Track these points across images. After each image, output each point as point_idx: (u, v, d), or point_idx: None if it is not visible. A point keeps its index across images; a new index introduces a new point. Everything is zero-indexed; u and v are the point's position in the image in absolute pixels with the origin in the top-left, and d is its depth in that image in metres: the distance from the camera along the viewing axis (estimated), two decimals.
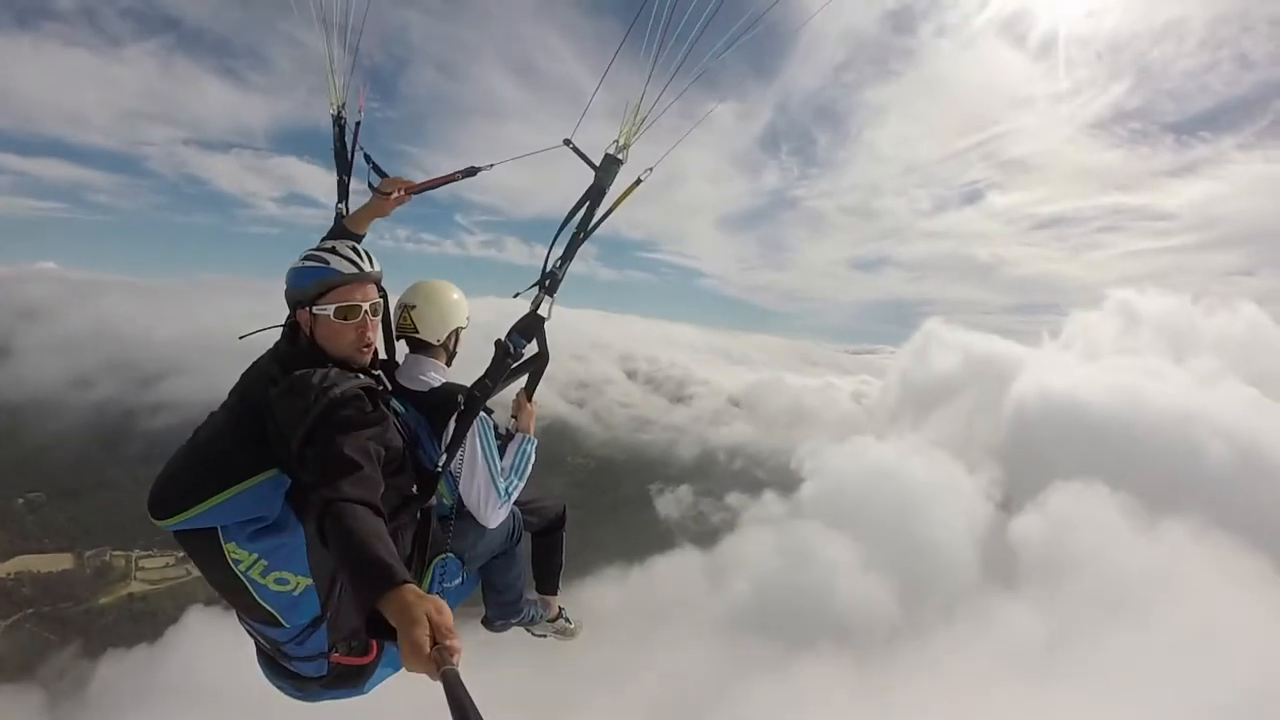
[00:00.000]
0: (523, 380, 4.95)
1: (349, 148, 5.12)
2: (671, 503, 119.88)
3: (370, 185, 4.85)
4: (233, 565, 3.41)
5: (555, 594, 6.17)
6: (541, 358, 4.78)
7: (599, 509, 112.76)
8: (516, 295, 4.66)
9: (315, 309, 3.70)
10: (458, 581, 4.54)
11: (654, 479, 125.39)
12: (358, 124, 5.18)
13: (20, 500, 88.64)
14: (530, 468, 4.86)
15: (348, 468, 2.94)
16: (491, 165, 4.89)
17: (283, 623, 3.60)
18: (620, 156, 4.57)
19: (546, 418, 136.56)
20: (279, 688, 4.06)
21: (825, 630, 66.64)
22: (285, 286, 3.82)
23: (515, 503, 4.78)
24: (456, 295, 4.98)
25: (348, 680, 3.91)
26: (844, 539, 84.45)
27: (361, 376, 3.56)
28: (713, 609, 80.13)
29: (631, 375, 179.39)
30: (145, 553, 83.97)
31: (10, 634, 73.54)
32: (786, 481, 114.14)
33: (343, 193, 5.05)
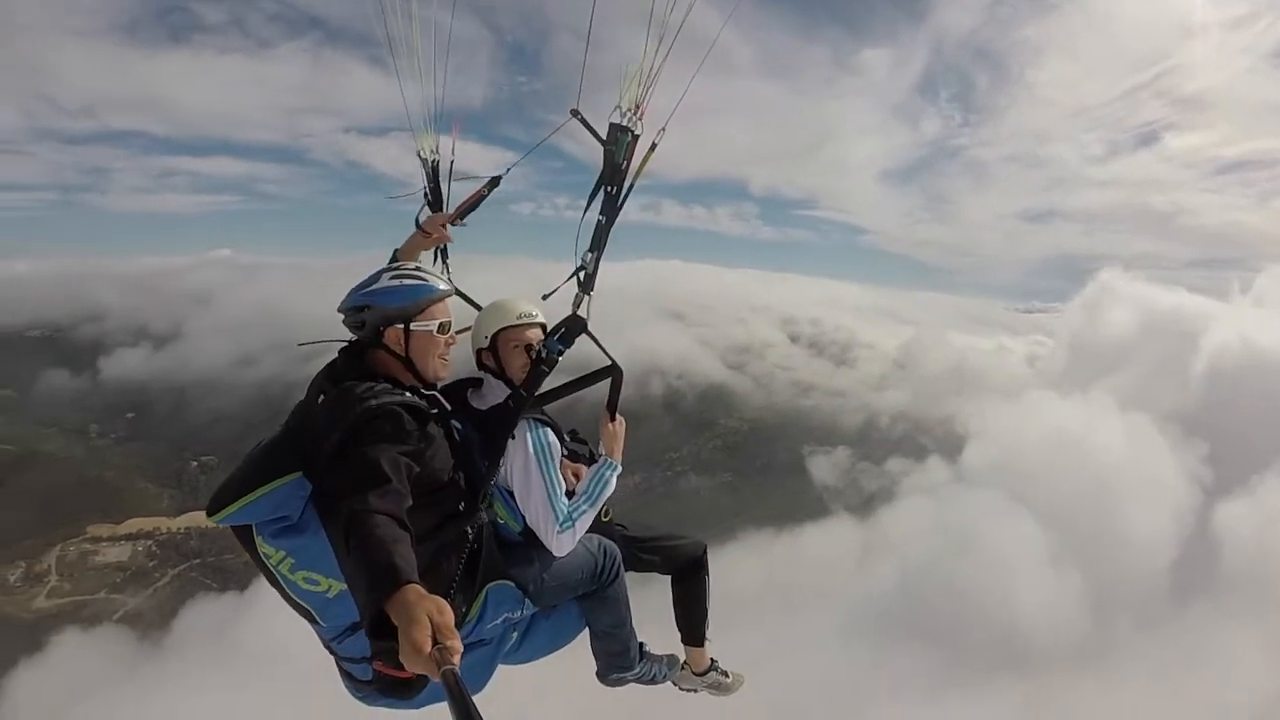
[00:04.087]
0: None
1: (442, 188, 4.89)
2: (827, 467, 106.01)
3: (416, 222, 4.56)
4: (265, 560, 3.35)
5: (701, 645, 5.10)
6: (612, 368, 4.29)
7: (749, 473, 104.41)
8: (546, 297, 4.28)
9: (415, 325, 3.59)
10: (520, 613, 4.00)
11: (809, 443, 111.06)
12: (451, 163, 4.81)
13: (194, 463, 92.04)
14: (606, 496, 4.17)
15: (376, 480, 2.81)
16: (509, 170, 4.57)
17: (319, 620, 3.48)
18: (628, 124, 4.00)
19: (702, 383, 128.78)
20: (345, 685, 3.76)
21: (991, 640, 51.26)
22: (372, 304, 3.57)
23: (630, 537, 4.62)
24: (493, 305, 4.34)
25: (396, 691, 3.21)
26: (1017, 515, 67.38)
27: (408, 395, 3.38)
28: (860, 597, 66.35)
29: (794, 339, 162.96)
30: None
31: (178, 580, 76.08)
32: (952, 447, 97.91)
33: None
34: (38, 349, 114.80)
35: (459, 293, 4.51)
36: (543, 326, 4.22)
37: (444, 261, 4.73)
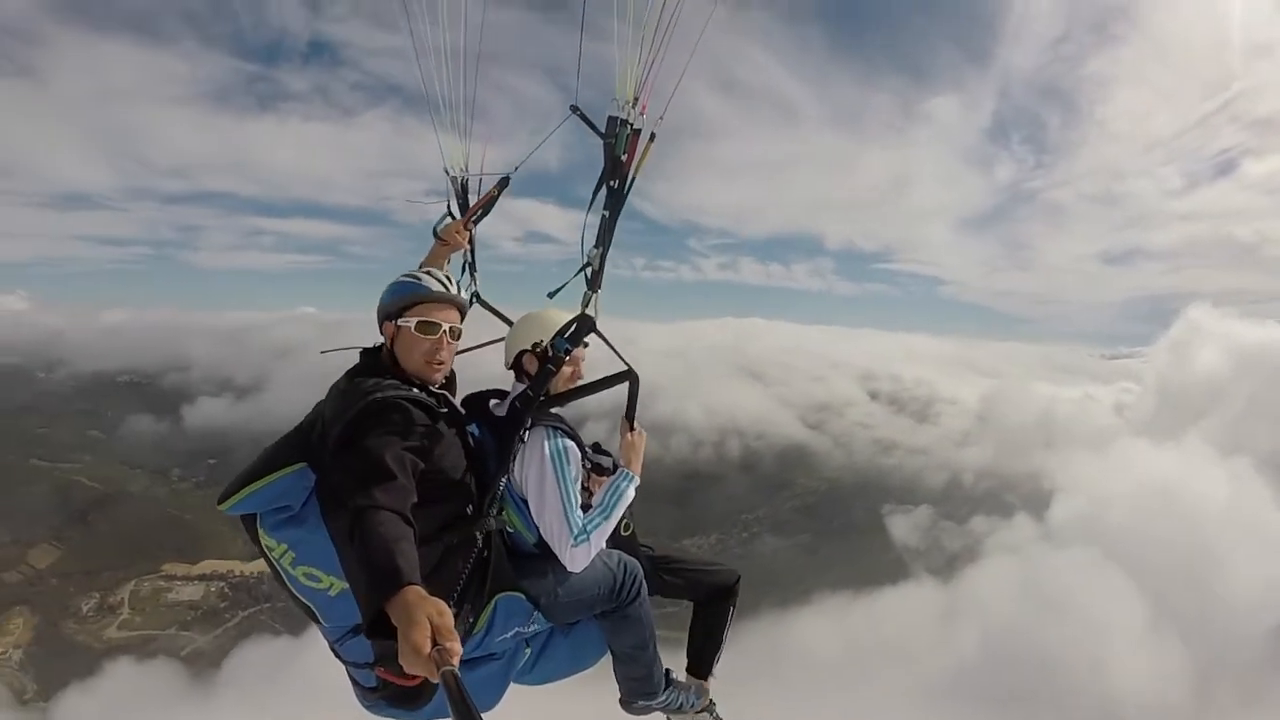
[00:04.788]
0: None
1: (467, 204, 4.90)
2: (907, 527, 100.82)
3: (435, 233, 4.60)
4: (267, 552, 3.38)
5: (704, 679, 4.86)
6: (627, 374, 4.11)
7: (827, 534, 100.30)
8: (552, 295, 4.28)
9: (400, 321, 3.57)
10: (530, 627, 3.86)
11: (889, 502, 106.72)
12: (480, 178, 4.88)
13: None
14: (623, 509, 3.96)
15: (381, 475, 2.81)
16: (516, 169, 4.63)
17: (322, 620, 3.44)
18: (627, 116, 4.02)
19: (781, 443, 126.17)
20: (355, 695, 3.71)
21: (1083, 712, 46.87)
22: (379, 303, 3.66)
23: (656, 558, 4.46)
24: (531, 316, 4.20)
25: (401, 701, 3.41)
26: (1110, 575, 62.47)
27: (416, 390, 3.35)
28: (942, 663, 61.79)
29: (874, 395, 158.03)
30: None
31: (246, 622, 76.40)
32: (1039, 504, 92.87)
33: (470, 242, 4.78)
34: (127, 394, 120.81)
35: (484, 304, 4.65)
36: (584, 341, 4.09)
37: (472, 274, 4.80)
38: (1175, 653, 52.43)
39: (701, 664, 4.81)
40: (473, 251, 4.80)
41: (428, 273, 3.66)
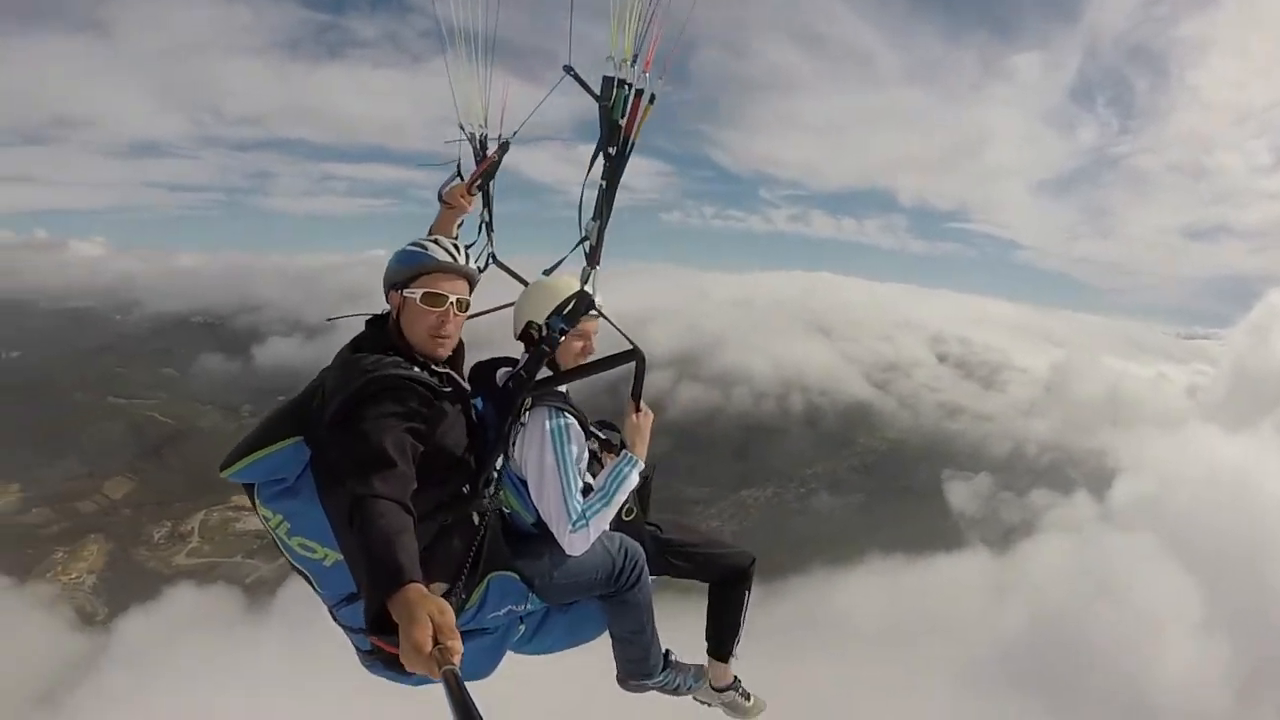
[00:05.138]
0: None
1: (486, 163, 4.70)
2: (966, 495, 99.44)
3: (440, 196, 4.55)
4: (264, 521, 3.40)
5: (726, 661, 4.79)
6: (633, 353, 3.88)
7: (884, 495, 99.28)
8: (548, 273, 4.07)
9: (406, 292, 3.49)
10: (525, 606, 3.85)
11: (950, 468, 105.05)
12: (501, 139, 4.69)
13: None
14: (624, 494, 3.85)
15: (380, 462, 2.77)
16: (515, 134, 4.55)
17: (317, 587, 3.46)
18: (624, 76, 3.68)
19: (844, 400, 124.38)
20: (357, 654, 3.71)
21: (1119, 701, 46.45)
22: (385, 272, 3.59)
23: (664, 540, 4.37)
24: (535, 287, 4.05)
25: (394, 665, 2.99)
26: (1166, 564, 61.34)
27: (416, 369, 3.29)
28: (986, 637, 61.78)
29: (943, 358, 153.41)
30: None
31: None
32: (1101, 482, 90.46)
33: (487, 201, 4.74)
34: (200, 334, 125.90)
35: (502, 266, 4.52)
36: (600, 317, 4.01)
37: (489, 235, 4.66)
38: (1224, 654, 51.52)
39: (721, 647, 4.78)
40: (490, 211, 4.71)
41: (435, 241, 3.60)
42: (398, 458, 2.80)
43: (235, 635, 60.39)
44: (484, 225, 4.67)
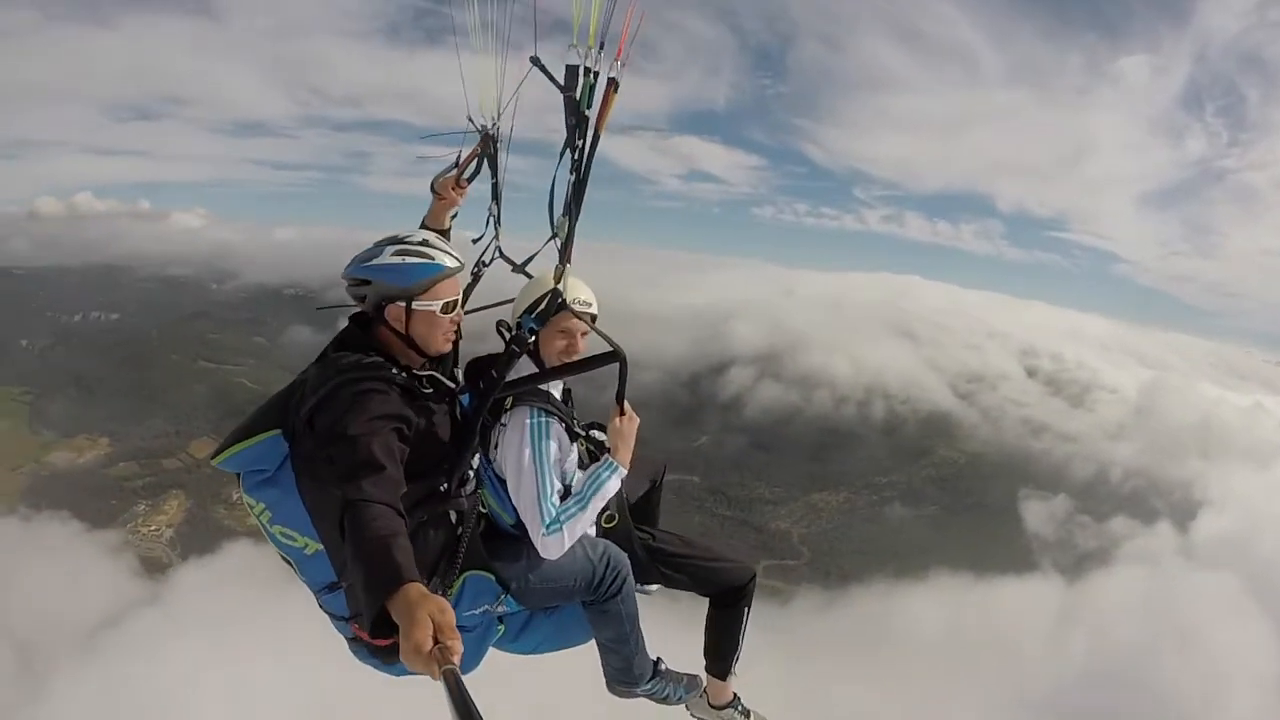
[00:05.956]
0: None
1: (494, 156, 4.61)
2: (1043, 516, 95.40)
3: (432, 187, 4.41)
4: (249, 509, 3.46)
5: (725, 679, 4.65)
6: (614, 354, 3.78)
7: (958, 510, 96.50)
8: (518, 269, 4.15)
9: (419, 304, 3.42)
10: (500, 606, 3.77)
11: (1028, 486, 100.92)
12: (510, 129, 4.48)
13: None
14: (601, 500, 3.76)
15: (370, 466, 2.76)
16: (496, 125, 4.34)
17: (300, 574, 3.50)
18: (590, 64, 3.48)
19: (926, 408, 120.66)
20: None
21: None
22: (373, 280, 3.42)
23: (656, 549, 4.28)
24: (532, 282, 4.03)
25: (376, 654, 3.43)
26: (1246, 610, 58.61)
27: (398, 372, 3.28)
28: (1049, 669, 59.94)
29: (1032, 373, 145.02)
30: None
31: None
32: (1185, 514, 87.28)
33: (495, 194, 4.59)
34: (291, 306, 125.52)
35: (507, 260, 4.36)
36: (593, 318, 3.97)
37: (496, 227, 4.52)
38: None
39: (719, 664, 4.64)
40: (498, 202, 4.57)
41: (429, 244, 3.53)
42: (386, 461, 2.81)
43: (280, 592, 62.71)
44: (492, 218, 4.55)
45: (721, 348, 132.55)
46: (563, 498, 3.70)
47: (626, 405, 3.92)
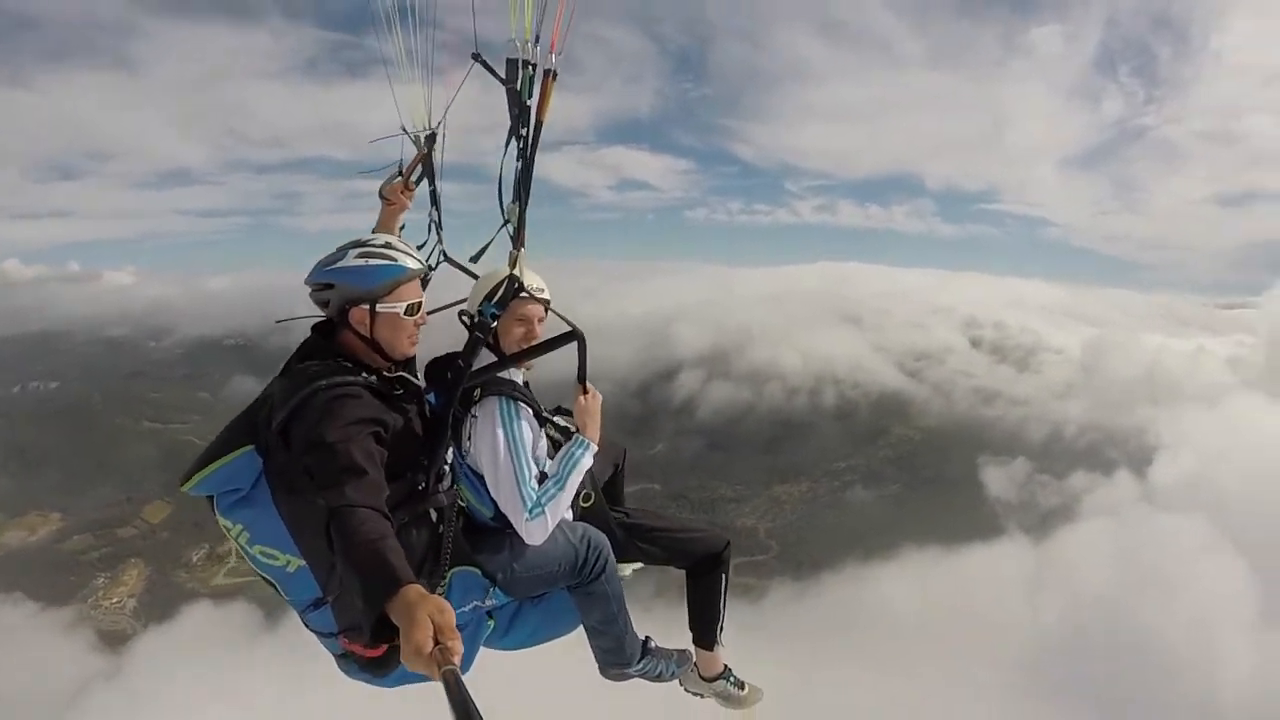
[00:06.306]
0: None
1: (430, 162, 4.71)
2: (1003, 481, 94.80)
3: (380, 193, 4.54)
4: (225, 532, 3.37)
5: (712, 649, 4.74)
6: (572, 334, 3.89)
7: (918, 485, 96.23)
8: (475, 259, 4.29)
9: (383, 306, 3.40)
10: (489, 601, 3.83)
11: (985, 454, 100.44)
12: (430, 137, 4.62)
13: None
14: (578, 477, 3.84)
15: (352, 471, 2.75)
16: (439, 123, 4.49)
17: (283, 594, 3.45)
18: (528, 57, 3.72)
19: (877, 390, 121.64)
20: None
21: (1182, 701, 42.25)
22: (336, 284, 3.39)
23: (632, 525, 4.38)
24: (486, 275, 4.12)
25: (367, 667, 3.41)
26: (1217, 547, 57.73)
27: (366, 376, 3.26)
28: (1028, 633, 58.92)
29: (976, 343, 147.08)
30: None
31: None
32: (1142, 460, 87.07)
33: (434, 200, 4.70)
34: (231, 356, 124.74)
35: (453, 263, 4.43)
36: (547, 304, 3.99)
37: (438, 233, 4.57)
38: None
39: (705, 635, 4.64)
40: (438, 209, 4.62)
41: (391, 246, 3.45)
42: (367, 465, 2.75)
43: (248, 651, 60.49)
44: (433, 224, 4.60)
45: (668, 353, 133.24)
46: (539, 481, 3.70)
47: (589, 384, 3.98)
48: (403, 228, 4.49)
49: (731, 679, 4.81)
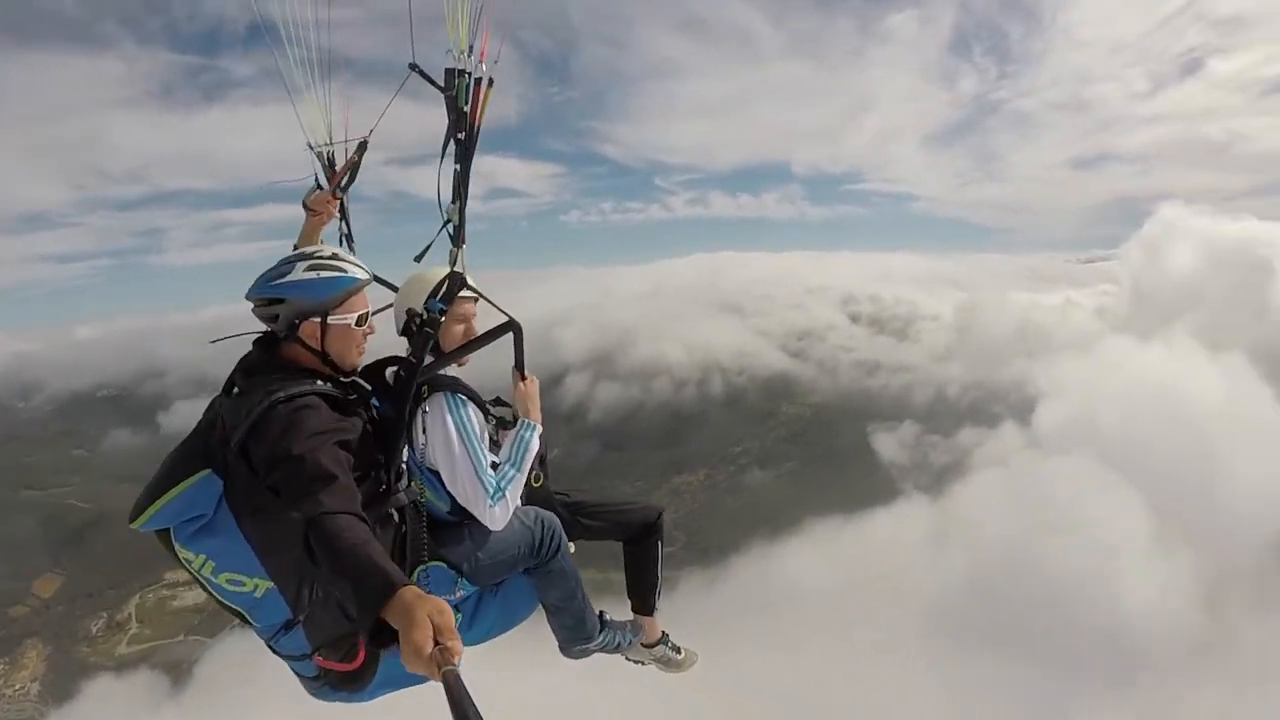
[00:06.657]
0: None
1: (340, 173, 4.68)
2: (893, 445, 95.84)
3: (304, 204, 4.46)
4: (186, 564, 3.28)
5: (651, 615, 4.91)
6: (509, 324, 4.03)
7: (813, 460, 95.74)
8: (418, 258, 4.23)
9: (334, 318, 3.38)
10: (456, 594, 3.85)
11: (874, 422, 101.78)
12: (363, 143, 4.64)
13: None
14: (530, 458, 3.92)
15: (324, 479, 2.70)
16: (371, 131, 4.51)
17: (252, 621, 3.39)
18: (465, 66, 3.97)
19: (763, 374, 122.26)
20: (302, 685, 3.68)
21: (1090, 635, 41.91)
22: (287, 298, 3.32)
23: (573, 504, 4.49)
24: (410, 280, 4.10)
25: (343, 684, 3.43)
26: (1108, 483, 58.45)
27: (321, 384, 3.22)
28: (936, 588, 58.12)
29: (855, 318, 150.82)
30: None
31: None
32: (1025, 411, 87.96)
33: (344, 213, 4.68)
34: (106, 409, 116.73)
35: (376, 278, 4.14)
36: (475, 299, 4.03)
37: (349, 245, 4.55)
38: (1184, 562, 47.98)
39: (644, 602, 4.75)
40: (346, 221, 4.60)
41: (338, 258, 3.42)
42: (338, 472, 2.71)
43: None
44: (344, 237, 4.57)
45: (552, 359, 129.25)
46: (494, 468, 3.72)
47: (526, 370, 4.10)
48: (321, 235, 4.39)
49: (669, 643, 4.97)
